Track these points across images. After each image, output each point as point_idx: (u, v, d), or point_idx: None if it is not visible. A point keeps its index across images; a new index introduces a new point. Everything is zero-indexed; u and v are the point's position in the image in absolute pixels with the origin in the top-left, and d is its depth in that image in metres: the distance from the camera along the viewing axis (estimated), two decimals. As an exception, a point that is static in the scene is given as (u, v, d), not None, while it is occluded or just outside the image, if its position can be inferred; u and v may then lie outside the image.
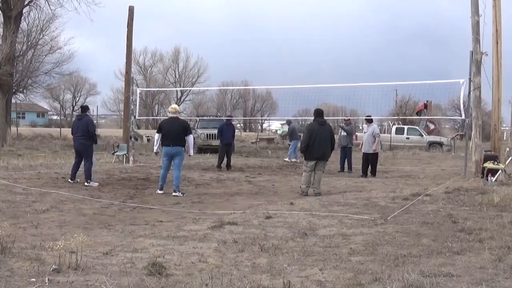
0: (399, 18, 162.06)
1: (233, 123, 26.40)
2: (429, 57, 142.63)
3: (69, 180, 16.94)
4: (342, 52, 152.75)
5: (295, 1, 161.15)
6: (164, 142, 15.56)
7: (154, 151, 16.70)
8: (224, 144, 23.98)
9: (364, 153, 21.04)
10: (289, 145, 30.11)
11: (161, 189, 15.68)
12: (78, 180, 16.98)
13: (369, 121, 21.50)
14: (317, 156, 15.40)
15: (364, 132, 21.67)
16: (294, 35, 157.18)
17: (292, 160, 27.59)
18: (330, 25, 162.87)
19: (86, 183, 16.56)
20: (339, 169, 23.33)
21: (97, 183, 16.74)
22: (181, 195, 15.19)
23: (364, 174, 20.76)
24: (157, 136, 15.98)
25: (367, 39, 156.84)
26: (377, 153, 21.09)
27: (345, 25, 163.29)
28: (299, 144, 26.94)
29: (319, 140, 15.31)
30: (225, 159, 23.76)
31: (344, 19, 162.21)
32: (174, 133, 15.42)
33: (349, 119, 25.88)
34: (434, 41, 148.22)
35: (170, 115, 15.96)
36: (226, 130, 24.23)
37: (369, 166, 20.88)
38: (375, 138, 20.75)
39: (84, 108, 18.02)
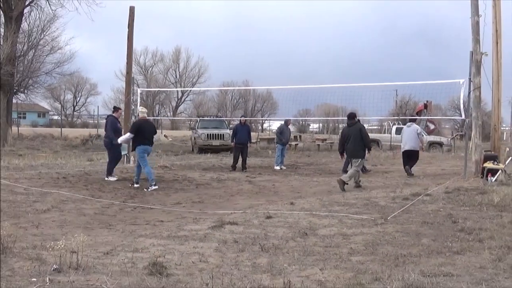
0: (398, 18, 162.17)
1: (247, 123, 25.56)
2: (428, 57, 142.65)
3: (106, 178, 17.95)
4: (341, 52, 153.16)
5: (294, 0, 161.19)
6: (144, 141, 16.55)
7: (120, 141, 17.55)
8: (238, 144, 23.62)
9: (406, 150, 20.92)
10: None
11: (155, 184, 16.35)
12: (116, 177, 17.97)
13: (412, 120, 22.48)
14: (348, 154, 16.98)
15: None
16: (293, 35, 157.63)
17: (282, 167, 24.66)
18: (329, 24, 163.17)
19: (105, 178, 17.77)
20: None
21: (115, 178, 17.90)
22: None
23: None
24: (129, 136, 16.85)
25: (365, 38, 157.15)
26: (417, 151, 21.11)
27: (344, 24, 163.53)
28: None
29: (348, 140, 16.82)
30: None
31: (343, 19, 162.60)
32: (152, 133, 17.03)
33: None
34: (433, 41, 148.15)
35: (145, 115, 17.11)
36: (241, 131, 23.82)
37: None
38: (418, 136, 20.97)
39: (113, 108, 19.59)
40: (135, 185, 16.52)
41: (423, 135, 21.56)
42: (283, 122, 26.87)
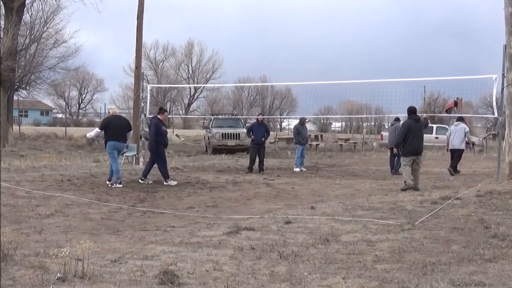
0: (423, 10, 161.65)
1: (264, 122, 25.60)
2: (456, 51, 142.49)
3: (140, 179, 18.63)
4: (363, 46, 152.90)
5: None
6: (112, 137, 17.37)
7: (89, 137, 18.83)
8: (254, 144, 23.47)
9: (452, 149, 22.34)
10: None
11: (120, 182, 17.23)
12: (150, 181, 18.43)
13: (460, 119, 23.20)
14: (414, 151, 16.97)
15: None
16: (313, 27, 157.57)
17: (302, 169, 24.66)
18: (351, 17, 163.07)
19: (164, 182, 18.27)
20: (391, 171, 22.80)
21: (175, 182, 18.38)
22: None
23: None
24: (97, 132, 18.33)
25: (389, 32, 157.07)
26: (463, 150, 22.55)
27: (366, 16, 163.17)
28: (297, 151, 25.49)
29: (416, 136, 16.97)
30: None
31: (364, 10, 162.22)
32: (122, 128, 17.75)
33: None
34: (462, 34, 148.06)
35: (115, 111, 18.93)
36: (257, 130, 23.66)
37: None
38: (465, 135, 22.35)
39: (158, 110, 19.97)
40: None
41: (469, 134, 22.46)
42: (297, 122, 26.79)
